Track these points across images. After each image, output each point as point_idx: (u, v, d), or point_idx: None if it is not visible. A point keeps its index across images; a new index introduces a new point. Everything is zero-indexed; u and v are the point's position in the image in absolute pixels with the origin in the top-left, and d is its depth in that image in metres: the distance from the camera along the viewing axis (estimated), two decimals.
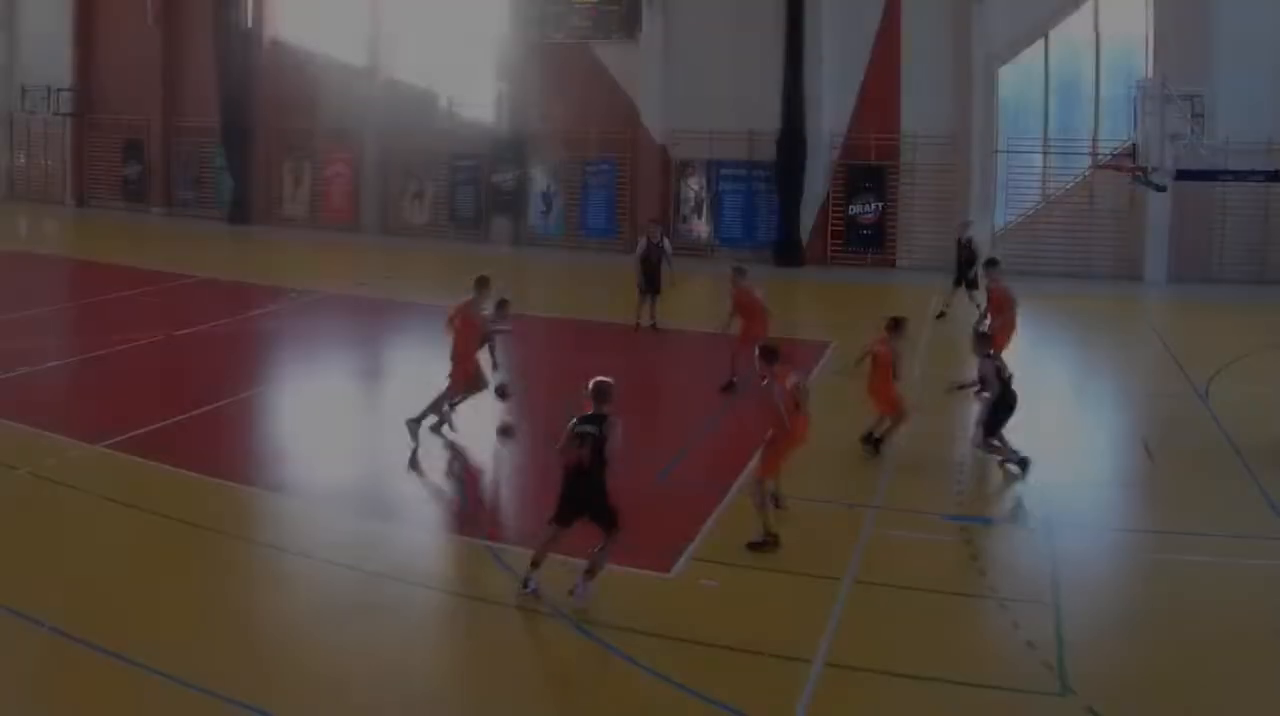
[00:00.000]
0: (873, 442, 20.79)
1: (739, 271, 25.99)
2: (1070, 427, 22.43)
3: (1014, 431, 20.09)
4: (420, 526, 17.76)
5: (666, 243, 32.72)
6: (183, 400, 23.83)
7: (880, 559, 16.16)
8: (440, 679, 13.12)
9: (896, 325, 20.96)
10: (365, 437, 22.97)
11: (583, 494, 14.65)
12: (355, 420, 24.44)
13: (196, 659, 12.85)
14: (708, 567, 15.71)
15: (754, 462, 17.84)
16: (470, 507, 18.85)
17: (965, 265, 33.41)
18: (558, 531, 14.87)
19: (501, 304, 22.03)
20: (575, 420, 14.85)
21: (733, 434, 22.06)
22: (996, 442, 19.53)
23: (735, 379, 24.77)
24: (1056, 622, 14.21)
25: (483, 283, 22.10)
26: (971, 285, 32.80)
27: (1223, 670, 13.19)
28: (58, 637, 13.32)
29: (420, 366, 26.55)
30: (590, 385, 15.09)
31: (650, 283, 32.11)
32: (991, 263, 27.90)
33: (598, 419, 14.72)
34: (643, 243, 32.73)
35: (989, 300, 26.97)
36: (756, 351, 17.88)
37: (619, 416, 14.79)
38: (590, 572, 14.61)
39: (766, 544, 16.44)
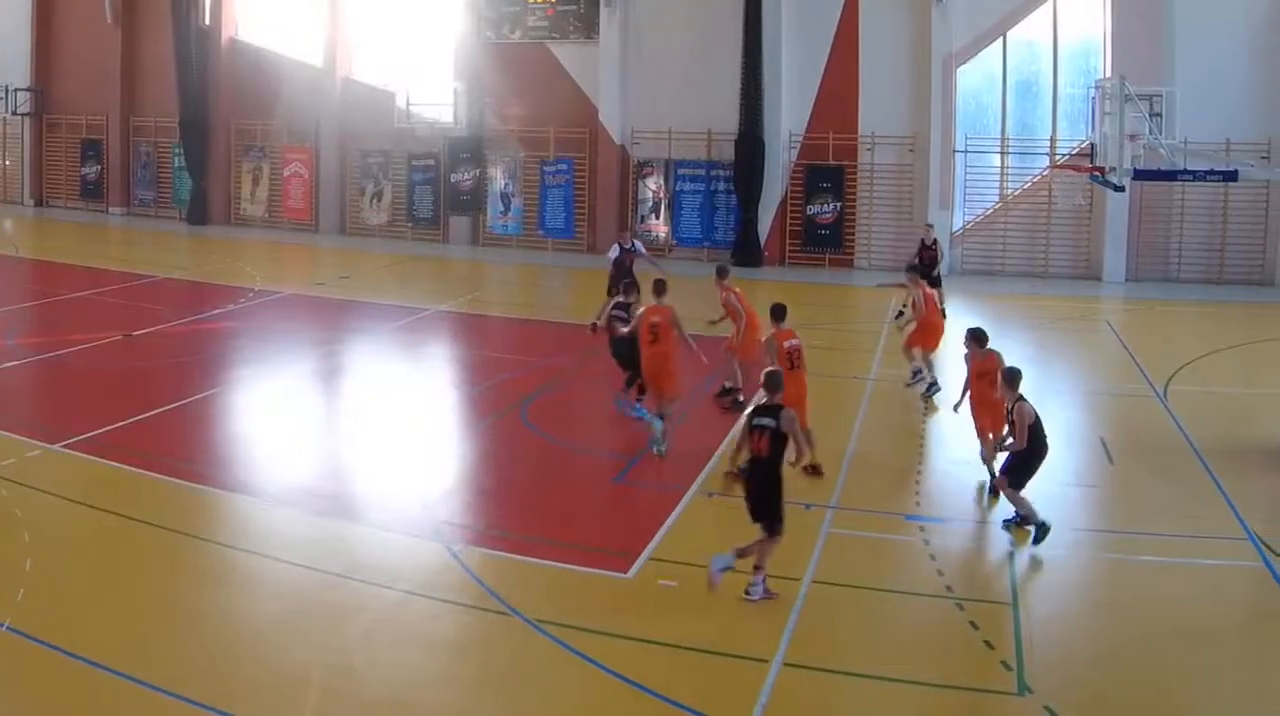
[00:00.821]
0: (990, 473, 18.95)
1: (722, 271, 25.04)
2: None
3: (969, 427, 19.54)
4: (379, 526, 17.24)
5: (638, 244, 31.73)
6: (141, 400, 23.45)
7: (838, 559, 15.88)
8: (399, 679, 12.74)
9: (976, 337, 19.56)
10: (324, 437, 22.59)
11: (754, 487, 14.78)
12: (313, 420, 24.03)
13: (155, 659, 12.73)
14: (666, 568, 15.50)
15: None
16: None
17: (930, 266, 32.61)
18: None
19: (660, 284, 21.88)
20: (751, 412, 15.37)
21: (691, 434, 21.62)
22: (1021, 496, 17.17)
23: (729, 384, 24.07)
24: (1015, 623, 14.07)
25: (662, 286, 21.84)
26: (936, 284, 31.30)
27: (1180, 669, 13.13)
28: (15, 637, 13.14)
29: (377, 366, 27.51)
30: (763, 376, 15.50)
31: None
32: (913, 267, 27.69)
33: (773, 410, 14.86)
34: (616, 248, 31.48)
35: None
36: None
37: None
38: (758, 568, 14.61)
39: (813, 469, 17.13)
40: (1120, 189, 25.69)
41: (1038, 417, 16.78)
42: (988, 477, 18.69)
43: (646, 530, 16.70)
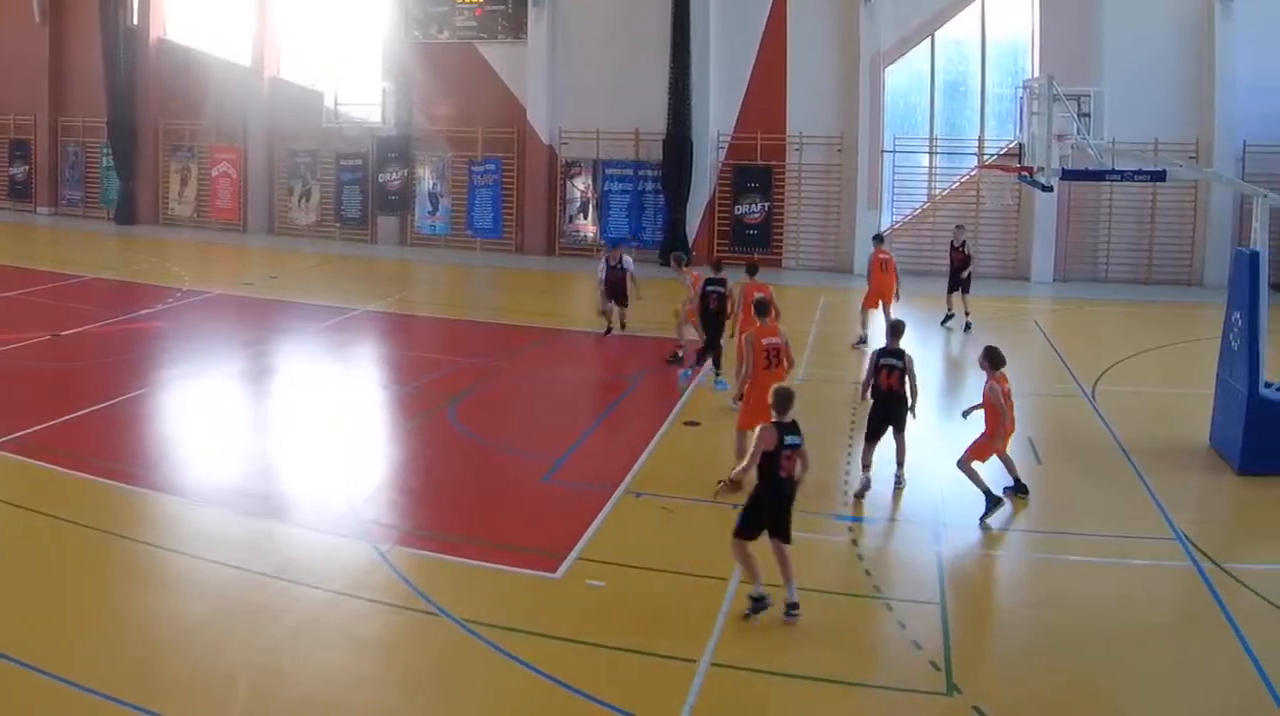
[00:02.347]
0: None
1: (678, 259, 26.55)
2: (956, 428, 20.17)
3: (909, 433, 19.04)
4: (307, 526, 16.69)
5: (628, 260, 29.72)
6: (69, 400, 22.84)
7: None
8: (327, 679, 12.37)
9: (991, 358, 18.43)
10: (252, 437, 21.79)
11: (892, 414, 17.75)
12: (242, 420, 23.26)
13: (83, 659, 12.33)
14: (594, 568, 15.16)
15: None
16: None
17: (960, 268, 31.97)
18: (874, 445, 17.94)
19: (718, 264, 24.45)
20: (877, 354, 17.78)
21: (620, 434, 21.64)
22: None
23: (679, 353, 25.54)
24: (943, 622, 13.78)
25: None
26: (965, 288, 31.85)
27: (1109, 669, 12.77)
28: None
29: (305, 366, 27.04)
30: (889, 324, 18.27)
31: (618, 297, 29.63)
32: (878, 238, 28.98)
33: (899, 352, 17.79)
34: (603, 265, 29.71)
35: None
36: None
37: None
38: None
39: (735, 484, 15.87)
40: (1048, 189, 24.54)
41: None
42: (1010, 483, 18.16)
43: (575, 530, 16.28)
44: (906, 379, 17.76)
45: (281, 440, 21.27)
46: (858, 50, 42.00)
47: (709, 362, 24.54)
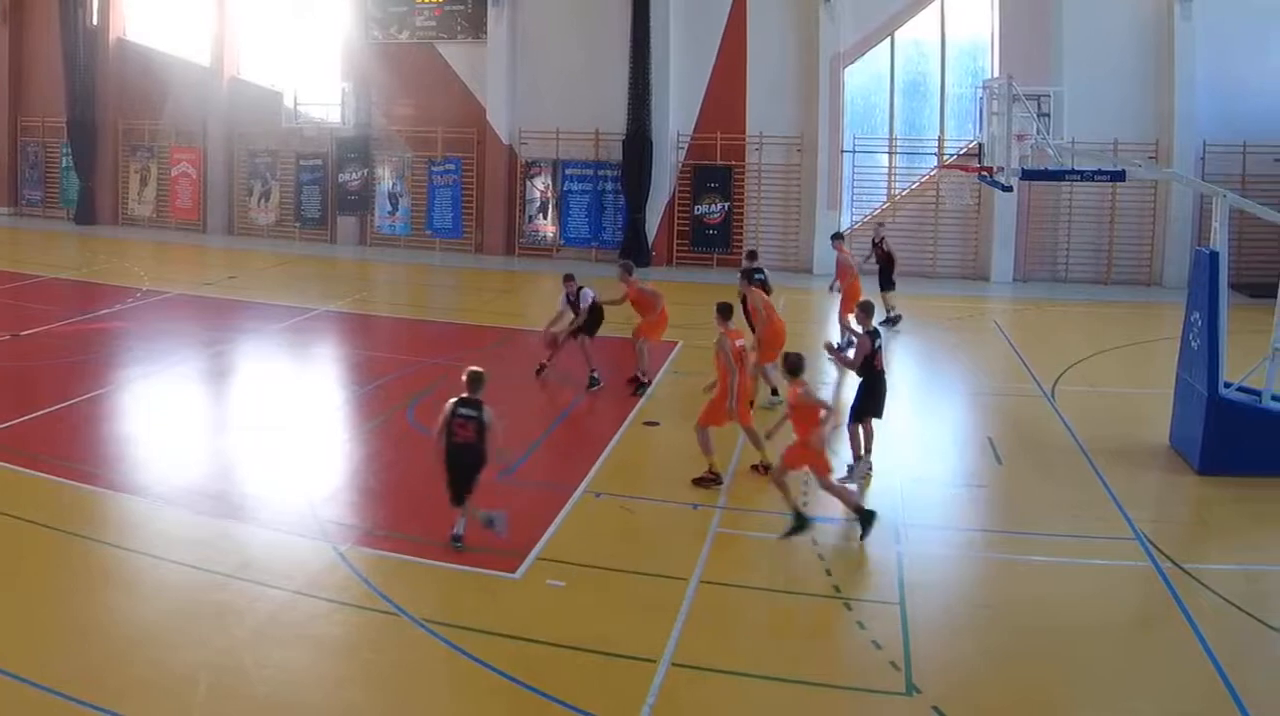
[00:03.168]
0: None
1: (626, 268, 24.81)
2: (917, 427, 20.83)
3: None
4: (266, 526, 16.30)
5: (588, 293, 26.54)
6: (29, 400, 22.32)
7: (726, 559, 15.32)
8: (287, 678, 12.07)
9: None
10: (211, 437, 21.26)
11: (882, 397, 18.31)
12: (201, 420, 22.61)
13: (43, 659, 12.08)
14: (554, 568, 14.91)
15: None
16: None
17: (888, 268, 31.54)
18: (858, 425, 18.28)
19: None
20: (873, 335, 18.16)
21: (580, 434, 21.37)
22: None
23: (639, 375, 24.21)
24: (903, 622, 13.54)
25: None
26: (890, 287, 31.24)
27: (1066, 668, 12.54)
28: None
29: (264, 366, 26.43)
30: (860, 305, 19.10)
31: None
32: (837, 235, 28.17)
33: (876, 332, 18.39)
34: (562, 299, 26.83)
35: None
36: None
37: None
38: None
39: (709, 480, 17.53)
40: (1008, 189, 23.66)
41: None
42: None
43: (534, 530, 16.00)
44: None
45: (241, 440, 20.79)
46: (817, 50, 41.13)
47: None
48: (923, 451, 20.26)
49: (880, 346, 18.38)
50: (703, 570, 14.85)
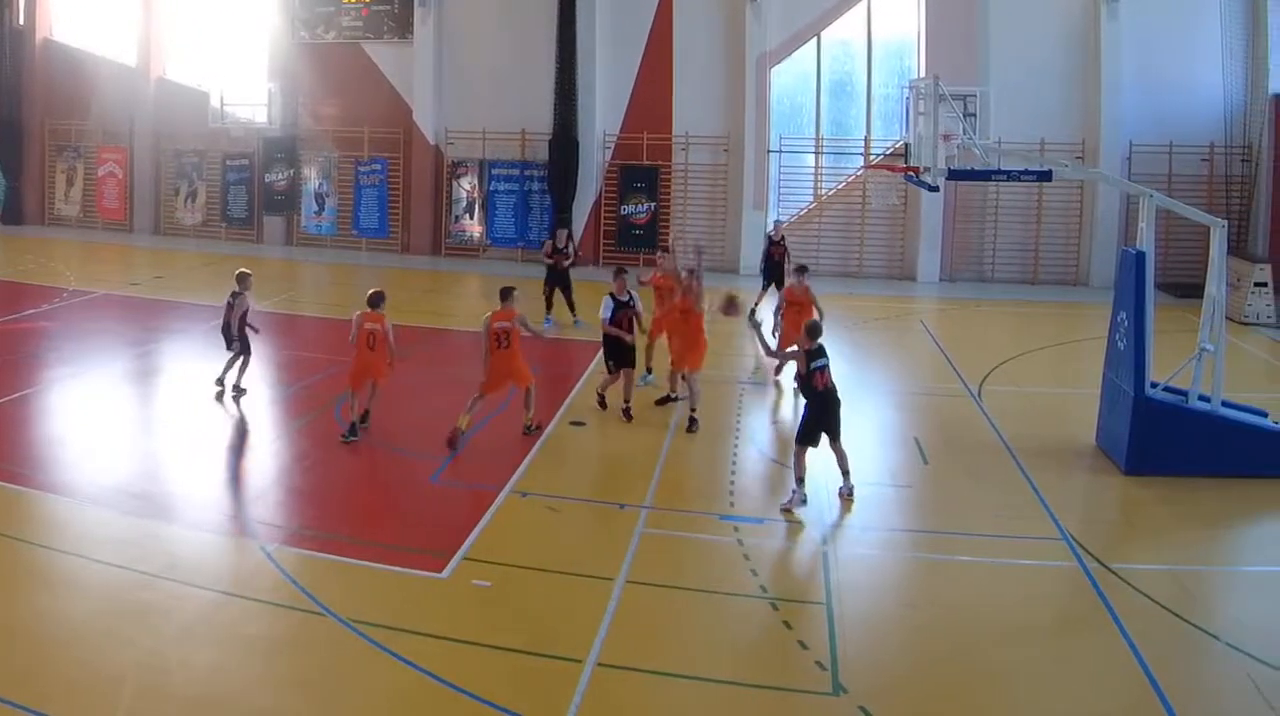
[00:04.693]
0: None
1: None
2: (843, 427, 18.63)
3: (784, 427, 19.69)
4: (193, 526, 15.72)
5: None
6: None
7: (652, 560, 14.82)
8: (214, 678, 11.61)
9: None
10: (138, 437, 20.43)
11: (826, 414, 16.70)
12: (128, 420, 21.67)
13: None
14: (481, 568, 14.40)
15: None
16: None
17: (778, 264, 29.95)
18: (804, 451, 16.79)
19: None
20: (809, 355, 16.81)
21: (506, 434, 20.18)
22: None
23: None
24: (829, 622, 13.12)
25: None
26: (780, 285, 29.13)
27: (993, 668, 12.23)
28: None
29: (191, 366, 25.13)
30: (807, 326, 17.42)
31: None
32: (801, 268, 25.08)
33: (824, 351, 16.93)
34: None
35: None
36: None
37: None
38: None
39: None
40: (934, 189, 22.68)
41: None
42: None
43: (461, 529, 15.47)
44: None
45: (168, 440, 19.97)
46: (744, 50, 39.34)
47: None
48: (849, 451, 18.78)
49: (824, 366, 16.92)
50: (629, 570, 14.39)
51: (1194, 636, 12.86)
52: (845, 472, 16.99)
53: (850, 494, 17.00)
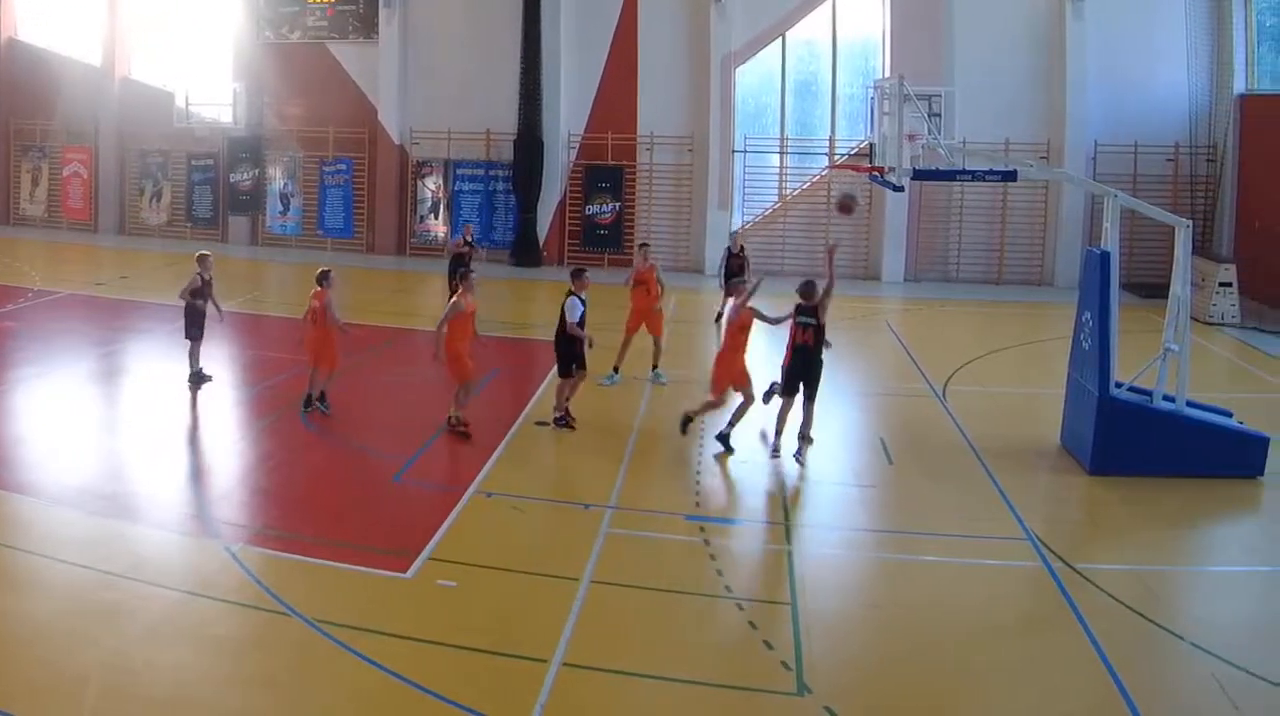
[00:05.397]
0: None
1: (642, 245, 24.87)
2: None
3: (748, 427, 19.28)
4: (158, 526, 15.39)
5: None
6: None
7: (618, 559, 14.59)
8: (179, 678, 11.33)
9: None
10: (103, 437, 19.87)
11: (804, 369, 17.64)
12: (93, 420, 21.02)
13: None
14: (446, 568, 14.16)
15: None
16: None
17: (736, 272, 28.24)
18: (789, 402, 17.78)
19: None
20: (797, 311, 17.72)
21: (471, 434, 19.63)
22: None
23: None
24: (794, 623, 12.90)
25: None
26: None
27: (958, 668, 12.00)
28: None
29: (156, 366, 24.64)
30: (801, 284, 18.21)
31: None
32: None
33: (813, 310, 17.69)
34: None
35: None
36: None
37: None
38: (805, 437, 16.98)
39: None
40: (899, 189, 22.20)
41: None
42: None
43: (426, 529, 15.21)
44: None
45: (132, 440, 19.56)
46: (708, 50, 38.39)
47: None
48: (814, 451, 19.16)
49: (805, 324, 17.96)
50: (594, 570, 14.17)
51: (1158, 636, 12.66)
52: (804, 436, 17.86)
53: (801, 455, 17.92)
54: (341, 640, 12.16)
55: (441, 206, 41.36)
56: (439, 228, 41.43)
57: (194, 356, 22.44)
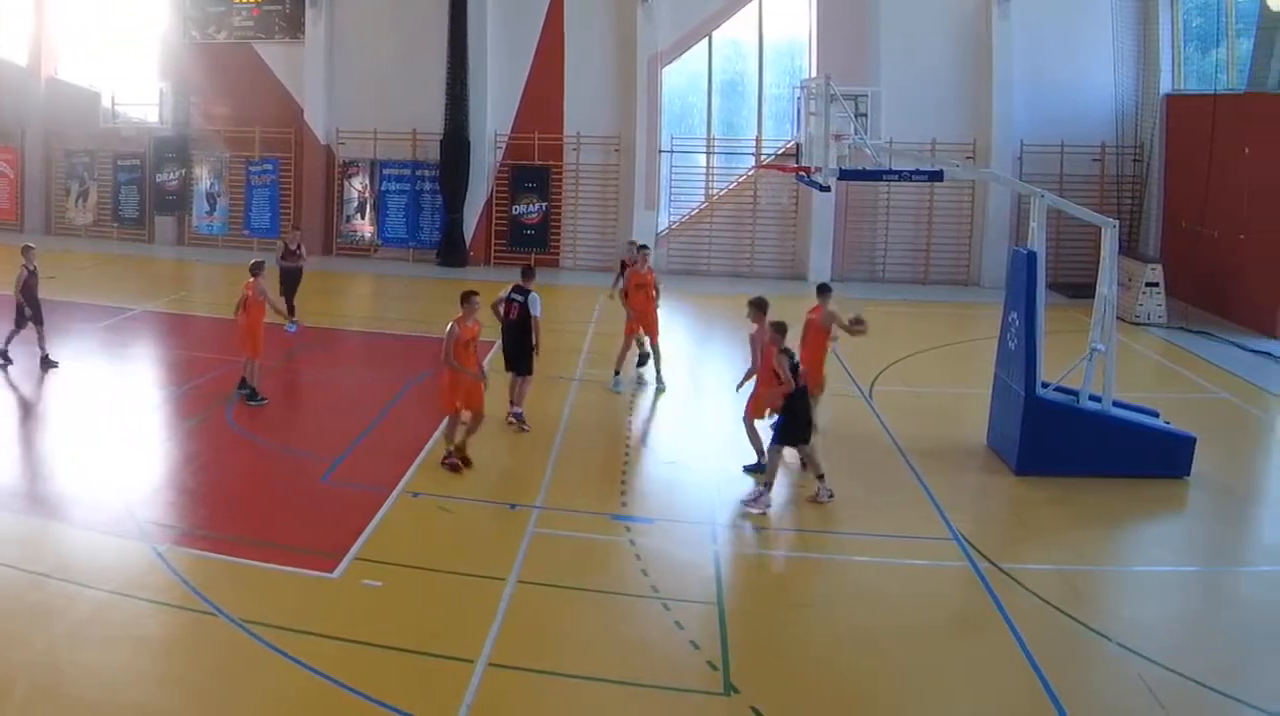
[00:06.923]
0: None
1: (642, 247, 23.65)
2: (734, 426, 18.62)
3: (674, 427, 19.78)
4: (83, 526, 14.89)
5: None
6: None
7: (544, 559, 14.14)
8: (105, 678, 10.94)
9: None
10: (28, 437, 19.60)
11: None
12: (17, 420, 20.64)
13: None
14: (372, 568, 13.68)
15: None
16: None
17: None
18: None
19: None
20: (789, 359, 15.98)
21: (397, 434, 19.38)
22: (780, 455, 16.21)
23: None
24: (721, 622, 12.48)
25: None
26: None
27: (885, 668, 11.67)
28: None
29: (81, 366, 23.75)
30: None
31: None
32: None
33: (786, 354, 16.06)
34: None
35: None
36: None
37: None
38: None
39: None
40: (826, 189, 21.48)
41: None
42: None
43: (352, 530, 14.81)
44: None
45: (58, 440, 19.08)
46: (635, 50, 36.49)
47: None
48: (740, 450, 18.36)
49: (797, 362, 16.51)
50: (520, 570, 13.83)
51: (1085, 636, 12.38)
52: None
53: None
54: (268, 640, 11.81)
55: (368, 206, 39.23)
56: (365, 228, 39.34)
57: (42, 339, 21.91)
